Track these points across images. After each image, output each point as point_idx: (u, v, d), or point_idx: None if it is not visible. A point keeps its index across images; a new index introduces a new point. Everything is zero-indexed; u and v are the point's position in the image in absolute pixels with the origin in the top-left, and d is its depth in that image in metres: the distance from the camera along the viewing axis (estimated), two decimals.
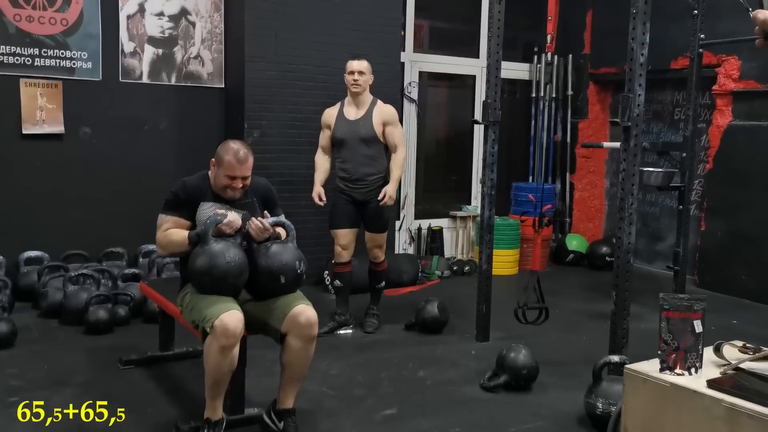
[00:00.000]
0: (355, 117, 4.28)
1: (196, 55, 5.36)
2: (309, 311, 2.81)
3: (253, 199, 3.03)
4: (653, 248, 6.67)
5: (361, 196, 4.29)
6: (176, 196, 2.94)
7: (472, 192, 6.87)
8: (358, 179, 4.27)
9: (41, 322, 4.40)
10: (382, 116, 4.27)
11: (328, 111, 4.42)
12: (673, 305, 2.33)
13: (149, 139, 5.27)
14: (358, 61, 4.26)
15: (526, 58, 7.11)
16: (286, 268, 2.83)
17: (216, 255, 2.74)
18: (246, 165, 2.89)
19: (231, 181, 2.89)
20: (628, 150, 3.29)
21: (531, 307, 4.17)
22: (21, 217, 4.90)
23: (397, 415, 3.20)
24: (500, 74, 4.15)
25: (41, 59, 4.83)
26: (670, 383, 2.26)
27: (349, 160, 4.28)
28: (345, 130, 4.27)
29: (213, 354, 2.64)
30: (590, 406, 3.08)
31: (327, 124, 4.38)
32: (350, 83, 4.25)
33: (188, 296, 2.89)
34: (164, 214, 2.94)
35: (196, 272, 2.77)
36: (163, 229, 2.92)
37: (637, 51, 3.21)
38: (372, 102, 4.32)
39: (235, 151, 2.87)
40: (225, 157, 2.87)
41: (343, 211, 4.31)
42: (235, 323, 2.63)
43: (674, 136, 6.29)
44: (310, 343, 2.82)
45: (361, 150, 4.25)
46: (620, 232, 3.34)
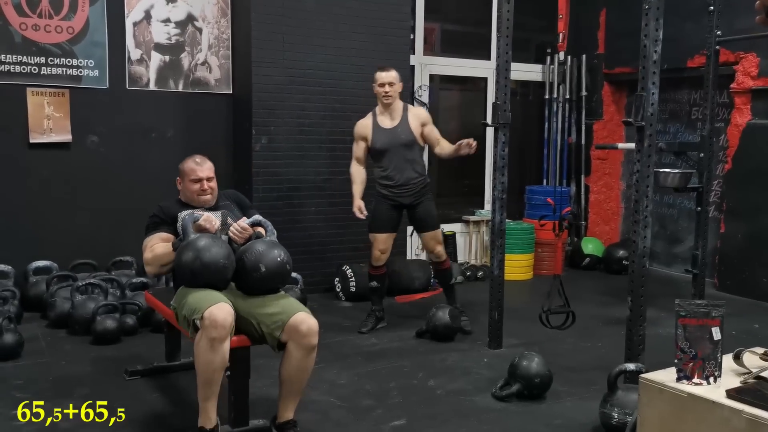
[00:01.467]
0: (392, 125, 4.39)
1: (203, 61, 5.32)
2: (310, 320, 2.76)
3: (228, 202, 3.23)
4: (671, 251, 6.53)
5: (408, 200, 4.41)
6: (156, 217, 3.14)
7: (485, 196, 6.78)
8: (403, 184, 4.38)
9: (49, 332, 4.36)
10: (418, 119, 4.41)
11: (361, 123, 4.50)
12: (690, 312, 2.23)
13: (157, 147, 5.24)
14: (386, 73, 4.36)
15: (538, 59, 7.01)
16: (265, 257, 2.86)
17: (200, 240, 2.83)
18: (206, 165, 3.14)
19: (198, 184, 3.10)
20: (642, 151, 3.19)
21: (555, 311, 4.08)
22: (29, 227, 4.88)
23: (406, 426, 3.11)
24: (510, 75, 4.07)
25: (48, 68, 4.82)
26: (687, 393, 2.16)
27: (391, 167, 4.38)
28: (385, 140, 4.37)
29: (203, 348, 2.59)
30: (605, 416, 2.97)
31: (362, 135, 4.46)
32: (381, 95, 4.36)
33: (178, 298, 2.89)
34: (148, 235, 3.08)
35: (182, 264, 2.81)
36: (148, 249, 3.03)
37: (650, 48, 3.11)
38: (404, 108, 4.44)
39: (192, 157, 3.17)
40: (185, 166, 3.14)
41: (385, 216, 4.44)
42: (224, 316, 2.60)
43: (692, 136, 6.17)
44: (310, 353, 2.77)
45: (403, 155, 4.36)
46: (635, 235, 3.24)
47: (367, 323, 4.51)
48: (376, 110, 4.48)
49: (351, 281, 5.23)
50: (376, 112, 4.46)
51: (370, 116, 4.48)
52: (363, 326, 4.50)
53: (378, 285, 4.57)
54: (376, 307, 4.59)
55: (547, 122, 6.92)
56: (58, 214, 4.95)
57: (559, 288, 4.08)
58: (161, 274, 3.12)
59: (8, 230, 4.82)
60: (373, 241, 4.47)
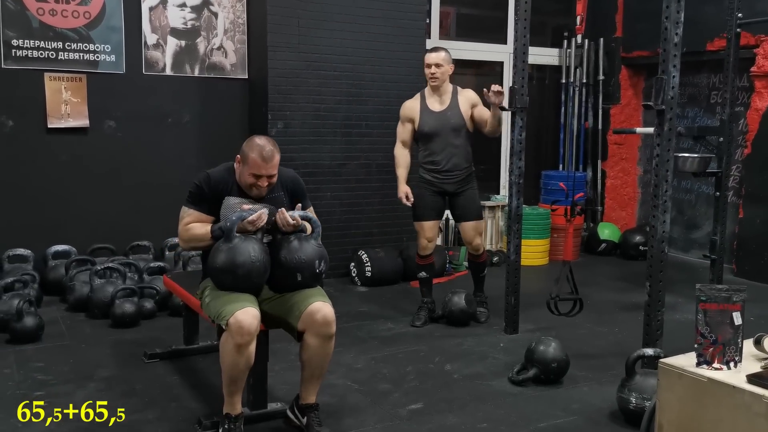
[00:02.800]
0: (441, 108, 4.20)
1: (219, 46, 5.32)
2: (326, 309, 2.72)
3: (281, 194, 2.93)
4: (689, 236, 6.48)
5: (452, 187, 4.24)
6: (200, 190, 2.84)
7: (500, 181, 6.75)
8: (449, 170, 4.21)
9: (68, 315, 4.41)
10: (468, 101, 4.22)
11: (409, 104, 4.31)
12: (711, 296, 2.21)
13: (173, 132, 5.26)
14: (435, 54, 4.17)
15: (555, 43, 6.95)
16: (304, 265, 2.75)
17: (241, 253, 2.66)
18: (272, 163, 2.77)
19: (256, 180, 2.78)
20: (662, 135, 3.16)
21: (564, 298, 4.05)
22: (48, 212, 4.92)
23: (422, 409, 3.12)
24: (527, 59, 4.03)
25: (65, 53, 4.83)
26: (707, 378, 2.15)
27: (439, 152, 4.20)
28: (434, 123, 4.19)
29: (229, 351, 2.59)
30: (623, 400, 2.97)
31: (409, 117, 4.27)
32: (428, 77, 4.19)
33: (207, 290, 2.85)
34: (187, 206, 2.86)
35: (218, 270, 2.70)
36: (184, 223, 2.84)
37: (671, 30, 3.07)
38: (454, 90, 4.25)
39: (261, 148, 2.75)
40: (250, 155, 2.75)
41: (429, 203, 4.27)
42: (250, 321, 2.57)
43: (710, 121, 6.10)
44: (327, 341, 2.74)
45: (452, 140, 4.19)
46: (654, 220, 3.22)
47: (419, 316, 4.34)
48: (424, 92, 4.28)
49: (366, 266, 5.24)
50: (425, 93, 4.27)
51: (417, 97, 4.29)
52: (416, 320, 4.33)
53: (427, 275, 4.40)
54: (427, 299, 4.42)
55: (564, 107, 6.87)
56: (76, 199, 4.99)
57: (569, 275, 4.04)
58: (191, 251, 3.00)
59: (27, 215, 4.86)
60: (419, 229, 4.31)
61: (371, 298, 4.98)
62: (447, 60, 4.18)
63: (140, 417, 2.98)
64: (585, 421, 3.03)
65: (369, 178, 5.46)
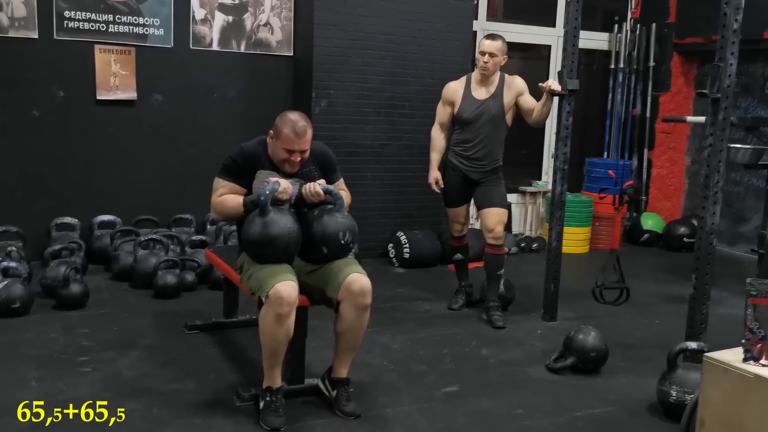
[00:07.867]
0: (485, 96, 4.05)
1: (266, 22, 5.33)
2: (363, 279, 2.77)
3: (311, 168, 2.95)
4: (736, 230, 6.32)
5: (476, 176, 4.11)
6: (234, 162, 2.89)
7: (543, 167, 6.66)
8: (478, 159, 4.08)
9: (112, 284, 4.51)
10: (513, 90, 4.06)
11: (452, 86, 4.16)
12: (762, 291, 2.16)
13: (218, 107, 5.30)
14: (490, 41, 4.00)
15: (605, 27, 6.79)
16: (329, 238, 2.80)
17: (278, 226, 2.72)
18: (305, 138, 2.79)
19: (289, 155, 2.80)
20: (716, 124, 3.07)
21: (609, 287, 3.99)
22: (95, 182, 5.02)
23: (458, 392, 3.12)
24: (578, 43, 3.95)
25: (115, 25, 4.90)
26: (754, 375, 2.11)
27: (473, 140, 4.07)
28: (474, 111, 4.05)
29: (269, 323, 2.63)
30: (663, 393, 2.92)
31: (450, 100, 4.14)
32: (479, 64, 4.05)
33: (245, 265, 2.90)
34: (220, 178, 2.92)
35: (257, 242, 2.75)
36: (218, 194, 2.91)
37: (731, 16, 2.97)
38: (500, 78, 4.08)
39: (294, 123, 2.77)
40: (283, 130, 2.78)
41: (457, 189, 4.18)
42: (290, 291, 2.62)
43: (764, 111, 5.92)
44: (363, 312, 2.79)
45: (488, 131, 4.05)
46: (703, 211, 3.14)
47: (457, 299, 4.33)
48: (471, 76, 4.13)
49: (405, 247, 5.24)
50: (471, 78, 4.12)
51: (463, 81, 4.14)
52: (453, 303, 4.32)
53: (462, 257, 4.35)
54: (464, 282, 4.39)
55: (611, 93, 6.73)
56: (123, 171, 5.07)
57: (615, 263, 3.99)
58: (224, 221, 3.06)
59: (75, 184, 4.97)
60: (451, 215, 4.27)
61: (409, 279, 4.98)
62: (502, 50, 4.02)
63: (180, 386, 3.04)
64: (622, 412, 3.00)
65: (410, 159, 5.43)
